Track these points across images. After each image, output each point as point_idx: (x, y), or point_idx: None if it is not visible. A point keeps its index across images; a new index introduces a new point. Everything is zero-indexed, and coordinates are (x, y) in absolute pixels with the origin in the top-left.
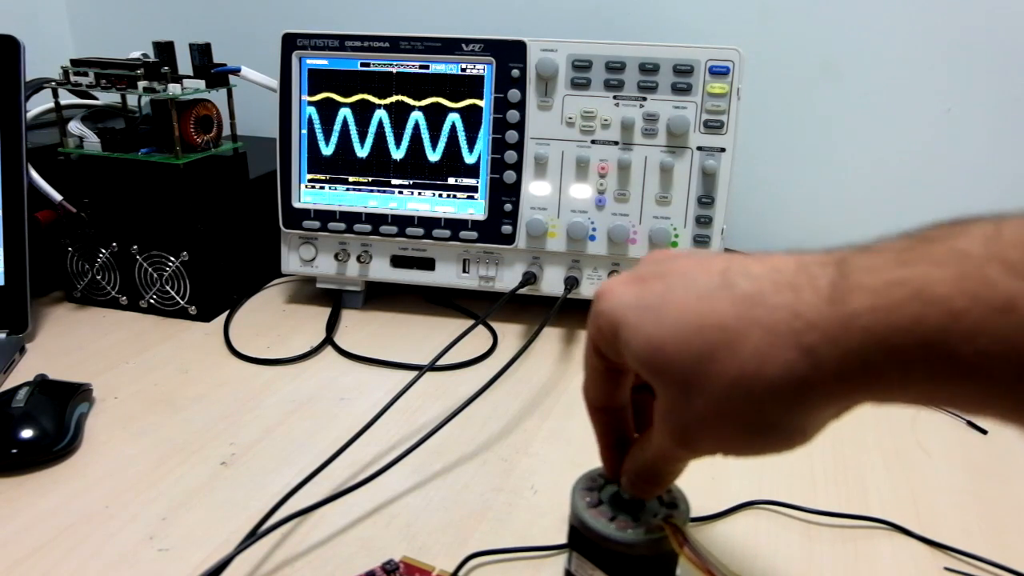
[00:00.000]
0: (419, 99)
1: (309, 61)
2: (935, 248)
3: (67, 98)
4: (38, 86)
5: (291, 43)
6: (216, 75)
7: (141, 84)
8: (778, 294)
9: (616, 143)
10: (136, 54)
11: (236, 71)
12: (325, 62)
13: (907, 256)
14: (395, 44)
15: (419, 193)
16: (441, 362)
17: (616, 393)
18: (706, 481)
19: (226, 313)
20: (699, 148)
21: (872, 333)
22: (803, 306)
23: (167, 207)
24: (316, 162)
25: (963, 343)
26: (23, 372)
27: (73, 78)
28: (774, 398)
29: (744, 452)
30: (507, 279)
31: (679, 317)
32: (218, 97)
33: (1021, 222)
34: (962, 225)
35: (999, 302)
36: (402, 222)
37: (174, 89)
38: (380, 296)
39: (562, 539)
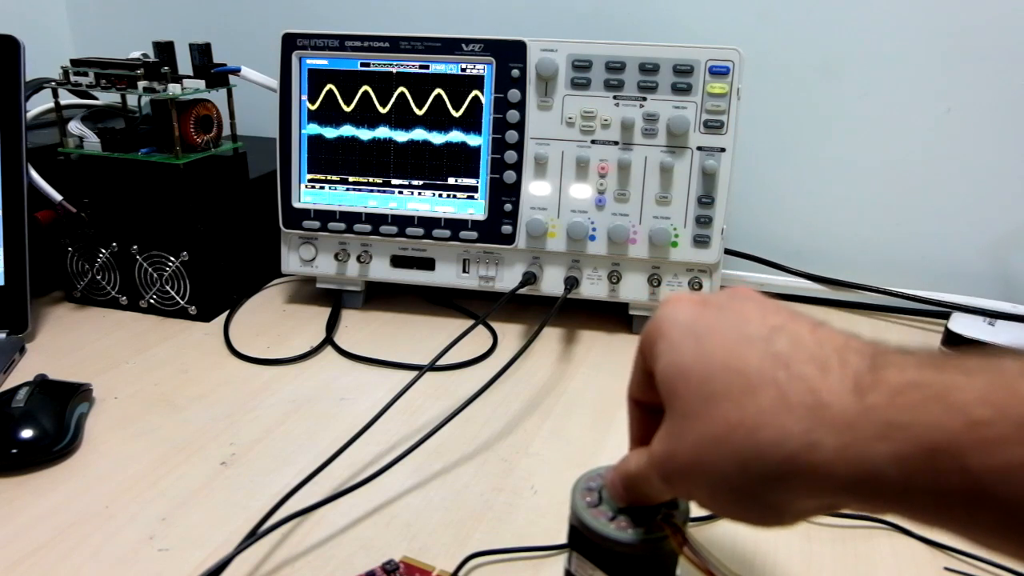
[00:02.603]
0: (419, 99)
1: (309, 61)
2: (970, 360)
3: (67, 98)
4: (38, 86)
5: (291, 43)
6: (216, 75)
7: (141, 84)
8: (806, 364)
9: (616, 143)
10: (136, 54)
11: (236, 71)
12: (325, 62)
13: (939, 361)
14: (395, 44)
15: (419, 193)
16: (441, 362)
17: (650, 392)
18: None
19: (226, 313)
20: (699, 148)
21: (880, 430)
22: (824, 385)
23: (167, 207)
24: (316, 162)
25: (977, 456)
26: (23, 372)
27: (73, 78)
28: (756, 464)
29: (712, 507)
30: (507, 279)
31: (713, 352)
32: (218, 97)
33: None
34: (1008, 350)
35: None
36: (402, 222)
37: (174, 89)
38: (380, 296)
39: (562, 539)
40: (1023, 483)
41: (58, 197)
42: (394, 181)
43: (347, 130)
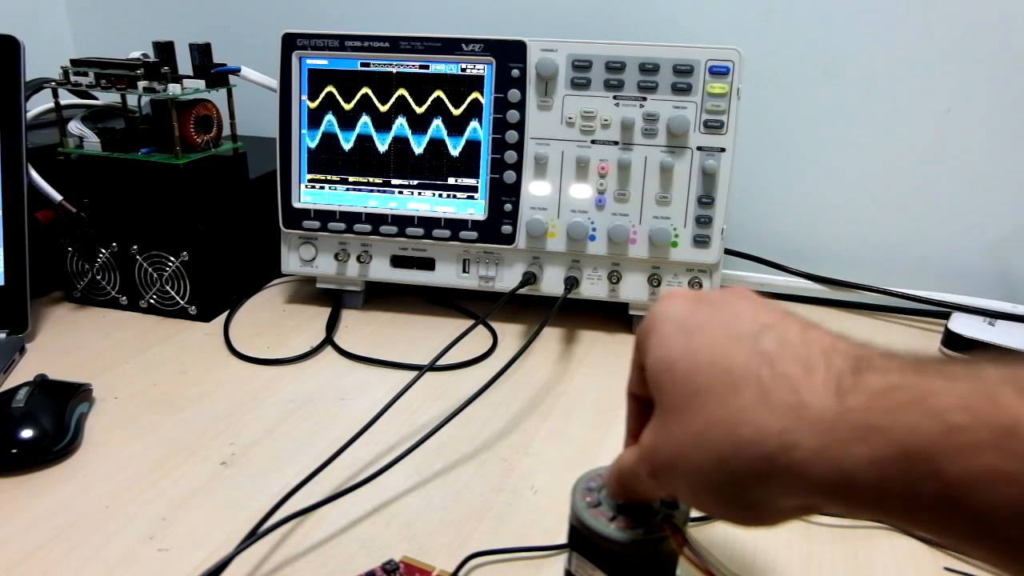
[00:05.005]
0: (419, 99)
1: (309, 61)
2: (953, 365)
3: (67, 98)
4: (38, 86)
5: (291, 43)
6: (216, 75)
7: (141, 84)
8: (791, 364)
9: (616, 143)
10: (136, 54)
11: (236, 71)
12: (325, 62)
13: (922, 366)
14: (395, 44)
15: (419, 193)
16: (441, 362)
17: (645, 387)
18: None
19: (226, 313)
20: (699, 148)
21: (857, 433)
22: (806, 386)
23: (167, 207)
24: (316, 162)
25: (951, 461)
26: (23, 372)
27: (73, 78)
28: (734, 461)
29: (695, 504)
30: (507, 279)
31: (701, 348)
32: (218, 97)
33: None
34: (992, 357)
35: (1002, 423)
36: (402, 222)
37: (174, 89)
38: (380, 296)
39: (562, 539)
40: (994, 490)
41: (58, 197)
42: (394, 181)
43: (347, 130)
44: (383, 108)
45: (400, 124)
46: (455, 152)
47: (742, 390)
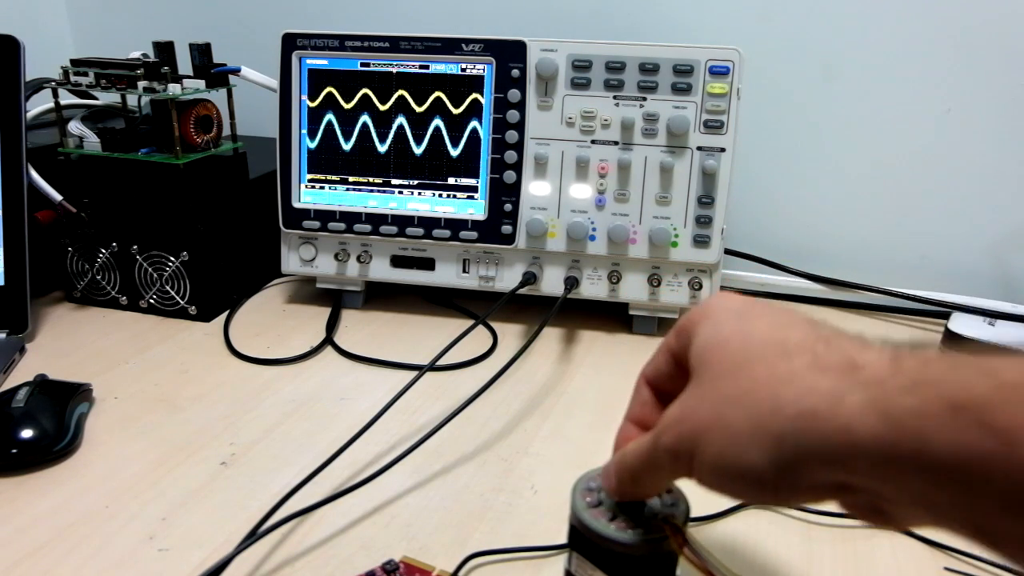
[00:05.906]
0: (419, 99)
1: (309, 61)
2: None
3: (67, 98)
4: (38, 86)
5: (291, 43)
6: (216, 75)
7: (141, 84)
8: (848, 341)
9: (616, 143)
10: (136, 54)
11: (236, 71)
12: (325, 62)
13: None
14: (395, 44)
15: (419, 193)
16: (441, 362)
17: (667, 377)
18: None
19: (226, 313)
20: (699, 148)
21: (907, 386)
22: (861, 355)
23: (167, 207)
24: (316, 162)
25: (1001, 411)
26: (23, 372)
27: (73, 78)
28: (771, 420)
29: (715, 478)
30: (507, 279)
31: (756, 329)
32: (218, 97)
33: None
34: None
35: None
36: (402, 222)
37: (174, 89)
38: (380, 296)
39: (562, 539)
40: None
41: (58, 197)
42: (394, 181)
43: (347, 130)
44: (383, 108)
45: (400, 124)
46: (455, 152)
47: (794, 358)
